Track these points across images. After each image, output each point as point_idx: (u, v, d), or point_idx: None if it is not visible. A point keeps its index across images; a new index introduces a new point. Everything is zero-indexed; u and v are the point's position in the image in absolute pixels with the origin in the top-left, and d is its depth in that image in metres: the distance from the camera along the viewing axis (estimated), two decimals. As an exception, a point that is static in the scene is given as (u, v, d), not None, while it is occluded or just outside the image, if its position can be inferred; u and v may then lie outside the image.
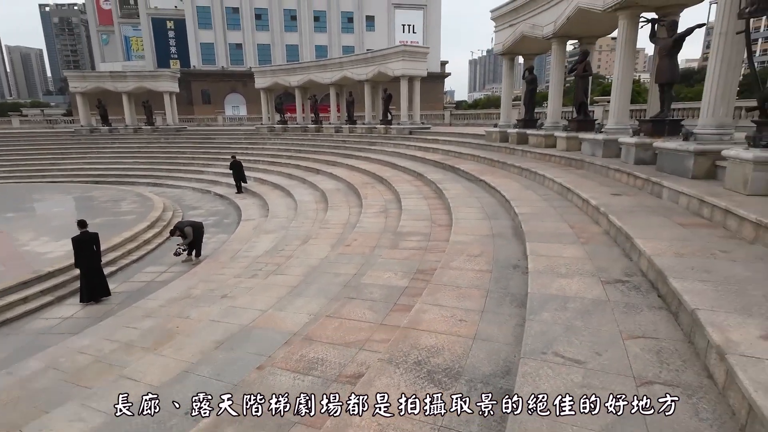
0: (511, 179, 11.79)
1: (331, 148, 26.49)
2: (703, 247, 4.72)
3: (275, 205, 17.66)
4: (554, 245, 5.89)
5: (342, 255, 8.64)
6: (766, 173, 5.77)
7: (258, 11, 54.45)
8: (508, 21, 16.60)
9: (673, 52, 9.12)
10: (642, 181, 8.24)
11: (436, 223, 9.49)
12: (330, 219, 13.03)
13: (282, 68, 33.35)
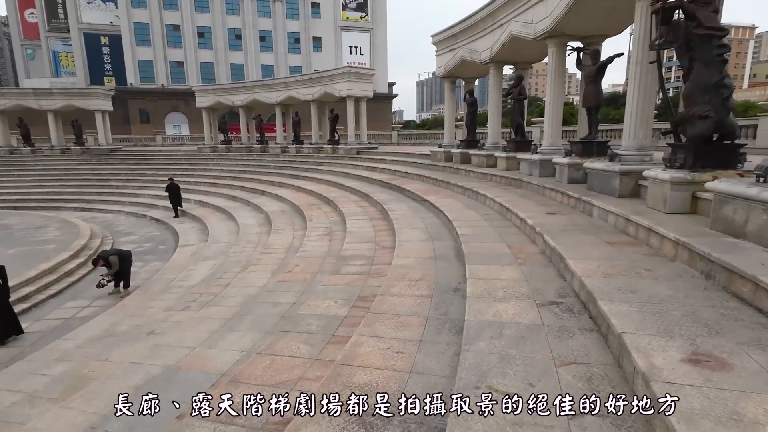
0: (455, 199, 11.95)
1: (277, 169, 25.93)
2: (629, 266, 4.88)
3: (216, 229, 16.85)
4: (493, 267, 5.91)
5: (282, 282, 8.26)
6: (682, 192, 6.15)
7: (201, 29, 53.15)
8: (448, 46, 17.16)
9: (597, 78, 9.72)
10: (574, 200, 8.58)
11: (381, 246, 9.36)
12: (273, 243, 12.56)
13: (225, 87, 32.52)
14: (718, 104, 5.87)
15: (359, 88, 25.44)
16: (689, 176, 6.07)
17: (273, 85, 29.61)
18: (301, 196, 18.54)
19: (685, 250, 4.76)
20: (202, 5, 52.63)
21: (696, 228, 5.32)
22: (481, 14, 14.31)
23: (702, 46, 5.85)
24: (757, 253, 4.20)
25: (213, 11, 52.52)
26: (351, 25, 57.17)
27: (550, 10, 10.36)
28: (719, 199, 5.05)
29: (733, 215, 4.81)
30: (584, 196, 8.17)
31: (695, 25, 5.76)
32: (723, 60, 5.83)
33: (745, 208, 4.61)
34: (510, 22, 12.57)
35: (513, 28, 12.35)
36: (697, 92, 6.02)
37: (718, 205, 5.07)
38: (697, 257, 4.52)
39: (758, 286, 3.57)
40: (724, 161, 6.17)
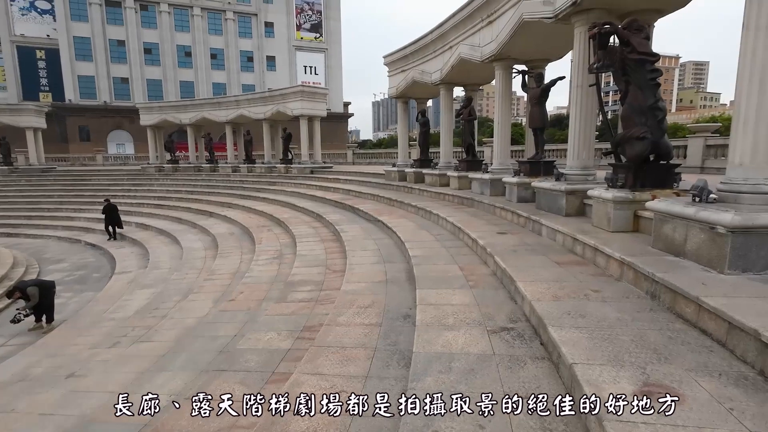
0: (408, 219, 11.81)
1: (228, 189, 24.99)
2: (578, 287, 4.82)
3: (157, 254, 15.79)
4: (444, 291, 5.71)
5: (224, 312, 7.67)
6: (625, 211, 6.27)
7: (148, 45, 51.27)
8: (400, 67, 17.34)
9: (541, 100, 10.00)
10: (524, 219, 8.64)
11: (331, 269, 8.98)
12: (218, 268, 11.84)
13: (172, 105, 31.29)
14: (653, 126, 6.08)
15: (312, 107, 25.19)
16: (630, 195, 6.21)
17: (223, 103, 28.78)
18: (252, 218, 17.84)
19: (631, 270, 4.77)
20: (149, 21, 50.93)
21: (639, 247, 5.39)
22: (431, 36, 14.57)
23: (636, 70, 6.07)
24: (697, 272, 4.24)
25: (161, 27, 50.94)
26: (305, 45, 57.21)
27: (496, 34, 10.64)
28: (659, 218, 5.14)
29: (673, 234, 4.89)
30: (533, 215, 8.23)
31: (629, 50, 5.98)
32: (656, 84, 6.07)
33: (683, 227, 4.69)
34: (459, 45, 12.84)
35: (461, 50, 12.61)
36: (634, 114, 6.22)
37: (659, 224, 5.16)
38: (642, 277, 4.52)
39: (701, 308, 3.55)
40: (661, 181, 6.37)
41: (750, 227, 3.96)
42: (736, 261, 4.06)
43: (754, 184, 4.33)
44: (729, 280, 3.94)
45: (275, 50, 56.10)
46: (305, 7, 56.75)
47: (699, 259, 4.45)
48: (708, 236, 4.31)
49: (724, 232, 4.07)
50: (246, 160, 27.97)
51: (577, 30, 7.98)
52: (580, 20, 7.84)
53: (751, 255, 4.04)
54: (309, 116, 25.39)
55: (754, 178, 4.35)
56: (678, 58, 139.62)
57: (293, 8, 56.10)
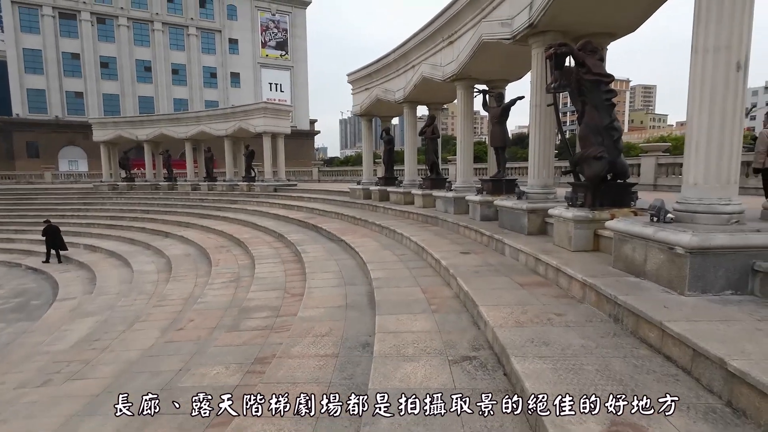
0: (372, 238, 11.54)
1: (186, 208, 24.00)
2: (541, 311, 4.67)
3: (106, 278, 14.79)
4: (405, 317, 5.43)
5: (169, 344, 7.08)
6: (585, 231, 6.24)
7: (104, 59, 49.43)
8: (364, 85, 17.29)
9: (502, 119, 10.07)
10: (487, 238, 8.55)
11: (290, 293, 8.54)
12: (170, 293, 11.12)
13: (127, 120, 30.06)
14: (610, 146, 6.13)
15: (276, 124, 24.77)
16: (590, 215, 6.20)
17: (183, 119, 27.89)
18: (210, 238, 17.09)
19: (593, 292, 4.66)
20: (106, 34, 49.22)
21: (600, 267, 5.32)
22: (394, 55, 14.60)
23: (592, 90, 6.14)
24: (658, 294, 4.16)
25: (119, 41, 49.30)
26: (271, 62, 56.83)
27: (457, 54, 10.72)
28: (619, 238, 5.09)
29: (633, 254, 4.84)
30: (496, 234, 8.14)
31: (585, 71, 6.04)
32: (611, 104, 6.15)
33: (643, 247, 4.64)
34: (421, 64, 12.89)
35: (424, 70, 12.66)
36: (591, 134, 6.27)
37: (619, 244, 5.11)
38: (604, 299, 4.41)
39: (665, 333, 3.43)
40: (619, 200, 6.41)
41: (707, 248, 3.93)
42: (695, 282, 4.00)
43: (708, 204, 4.34)
44: (690, 302, 3.86)
45: (240, 67, 55.39)
46: (270, 24, 56.57)
47: (659, 280, 4.39)
48: (667, 257, 4.25)
49: (683, 253, 4.02)
50: (207, 177, 27.06)
51: (535, 51, 8.09)
52: (536, 42, 7.95)
53: (709, 275, 4.00)
54: (273, 133, 24.94)
55: (708, 198, 4.36)
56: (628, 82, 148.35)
57: (258, 26, 55.80)
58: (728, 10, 4.12)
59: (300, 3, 57.85)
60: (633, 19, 7.72)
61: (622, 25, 7.88)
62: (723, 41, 4.16)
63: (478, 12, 9.56)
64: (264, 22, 56.31)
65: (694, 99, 4.39)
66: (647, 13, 7.65)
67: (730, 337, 3.11)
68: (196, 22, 52.63)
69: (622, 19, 7.69)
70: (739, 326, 3.32)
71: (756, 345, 2.96)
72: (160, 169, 29.84)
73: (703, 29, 4.28)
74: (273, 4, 56.21)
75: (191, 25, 52.32)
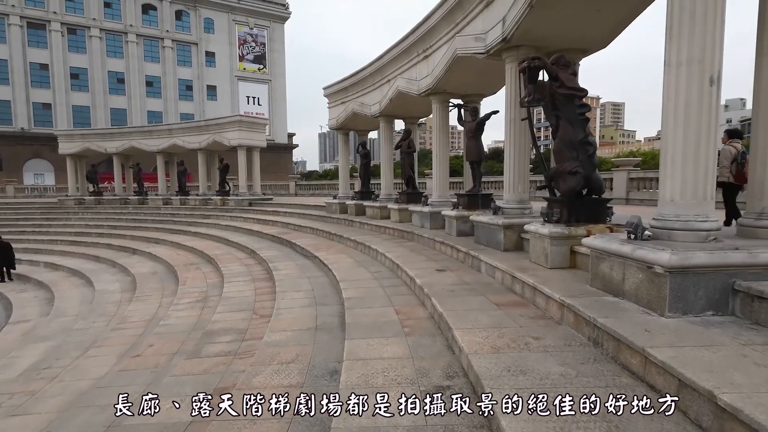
0: (347, 254, 11.20)
1: (157, 223, 23.16)
2: (518, 334, 4.42)
3: (65, 299, 13.95)
4: (376, 341, 5.10)
5: (124, 372, 6.55)
6: (562, 247, 6.09)
7: (75, 70, 48.10)
8: (340, 99, 17.12)
9: (477, 134, 9.98)
10: (463, 255, 8.33)
11: (258, 314, 8.11)
12: (132, 314, 10.49)
13: (96, 132, 29.10)
14: (585, 160, 6.03)
15: (251, 137, 24.31)
16: (566, 231, 6.05)
17: (155, 132, 27.11)
18: (180, 255, 16.41)
19: (571, 313, 4.45)
20: (77, 45, 47.98)
21: (577, 286, 5.14)
22: (370, 69, 14.49)
23: (566, 105, 6.05)
24: (638, 316, 3.97)
25: (91, 52, 48.10)
26: (248, 76, 56.39)
27: (432, 68, 10.65)
28: (596, 255, 4.93)
29: (610, 272, 4.67)
30: (472, 251, 7.94)
31: (558, 85, 5.96)
32: (585, 119, 6.07)
33: (620, 266, 4.48)
34: (396, 78, 12.80)
35: (399, 84, 12.55)
36: (566, 148, 6.16)
37: (596, 262, 4.95)
38: (583, 321, 4.20)
39: (647, 360, 3.22)
40: (594, 215, 6.30)
41: (687, 267, 3.77)
42: (675, 303, 3.83)
43: (685, 221, 4.21)
44: (672, 325, 3.68)
45: (217, 80, 54.76)
46: (248, 38, 56.29)
47: (638, 300, 4.22)
48: (646, 276, 4.09)
49: (662, 273, 3.85)
50: (179, 191, 26.25)
51: (508, 66, 8.04)
52: (510, 56, 7.90)
53: (689, 296, 3.84)
54: (248, 146, 24.45)
55: (684, 215, 4.23)
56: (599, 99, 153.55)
57: (236, 39, 55.43)
58: (700, 22, 4.05)
59: (278, 18, 57.87)
60: (604, 34, 7.77)
61: (594, 41, 7.92)
62: (696, 54, 4.08)
63: (452, 26, 9.52)
64: (242, 35, 56.01)
65: (668, 113, 4.29)
66: (617, 30, 7.71)
67: (716, 365, 2.91)
68: (171, 34, 51.91)
69: (594, 35, 7.73)
70: (724, 352, 3.14)
71: (744, 375, 2.76)
72: (130, 183, 28.86)
73: (675, 42, 4.20)
74: (251, 18, 56.04)
75: (167, 38, 51.56)
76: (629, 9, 7.14)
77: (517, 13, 6.92)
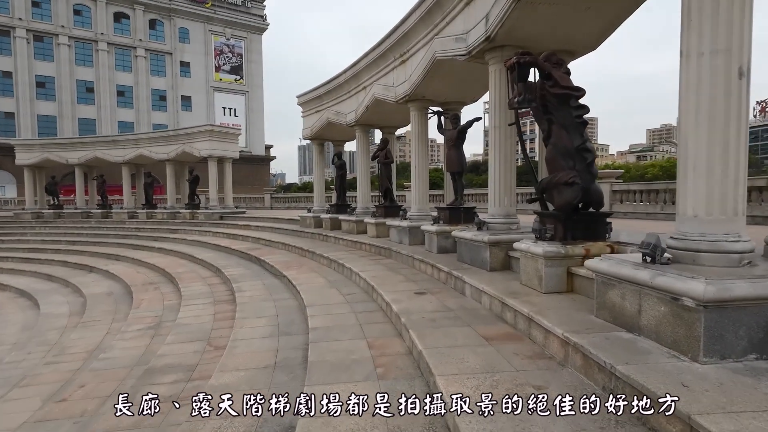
0: (319, 273, 10.26)
1: (120, 238, 21.75)
2: (515, 382, 3.60)
3: (6, 324, 12.57)
4: (342, 387, 4.19)
5: (41, 424, 5.42)
6: (557, 269, 5.33)
7: (41, 79, 46.07)
8: (315, 107, 16.32)
9: (458, 143, 9.29)
10: (445, 275, 7.52)
11: (213, 345, 7.08)
12: (74, 344, 9.27)
13: (57, 143, 27.48)
14: (582, 170, 5.32)
15: (223, 148, 23.21)
16: (562, 250, 5.30)
17: (120, 142, 25.72)
18: (140, 273, 15.14)
19: (578, 354, 3.65)
20: (44, 53, 46.06)
21: (580, 316, 4.36)
22: (345, 76, 13.76)
23: (559, 107, 5.35)
24: (666, 361, 3.19)
25: (58, 60, 46.19)
26: (225, 86, 55.18)
27: (409, 73, 9.96)
28: (602, 281, 4.17)
29: (621, 302, 3.91)
30: (455, 271, 7.13)
31: (551, 84, 5.26)
32: (582, 122, 5.38)
33: (635, 295, 3.72)
34: (373, 85, 12.08)
35: (376, 90, 11.83)
36: (560, 157, 5.45)
37: (603, 288, 4.18)
38: (595, 366, 3.41)
39: (692, 429, 2.42)
40: (593, 232, 5.58)
41: (726, 300, 3.02)
42: (711, 344, 3.07)
43: (713, 241, 3.49)
44: (711, 376, 2.91)
45: (192, 90, 53.35)
46: (225, 49, 55.23)
47: (660, 339, 3.45)
48: (670, 310, 3.32)
49: (694, 306, 3.09)
50: (146, 204, 24.83)
51: (492, 68, 7.38)
52: (494, 57, 7.25)
53: (728, 336, 3.08)
54: (219, 157, 23.32)
55: (712, 233, 3.51)
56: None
57: (212, 49, 54.30)
58: (725, 4, 3.39)
59: (256, 29, 57.08)
60: (593, 36, 7.21)
61: (583, 43, 7.35)
62: (722, 42, 3.41)
63: (431, 28, 8.87)
64: (218, 46, 54.91)
65: (688, 112, 3.60)
66: (607, 31, 7.17)
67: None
68: (145, 43, 50.44)
69: (583, 36, 7.16)
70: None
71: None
72: (93, 196, 27.25)
73: (696, 29, 3.53)
74: (228, 29, 55.07)
75: (140, 47, 50.03)
76: (619, 10, 6.60)
77: (502, 9, 6.27)
